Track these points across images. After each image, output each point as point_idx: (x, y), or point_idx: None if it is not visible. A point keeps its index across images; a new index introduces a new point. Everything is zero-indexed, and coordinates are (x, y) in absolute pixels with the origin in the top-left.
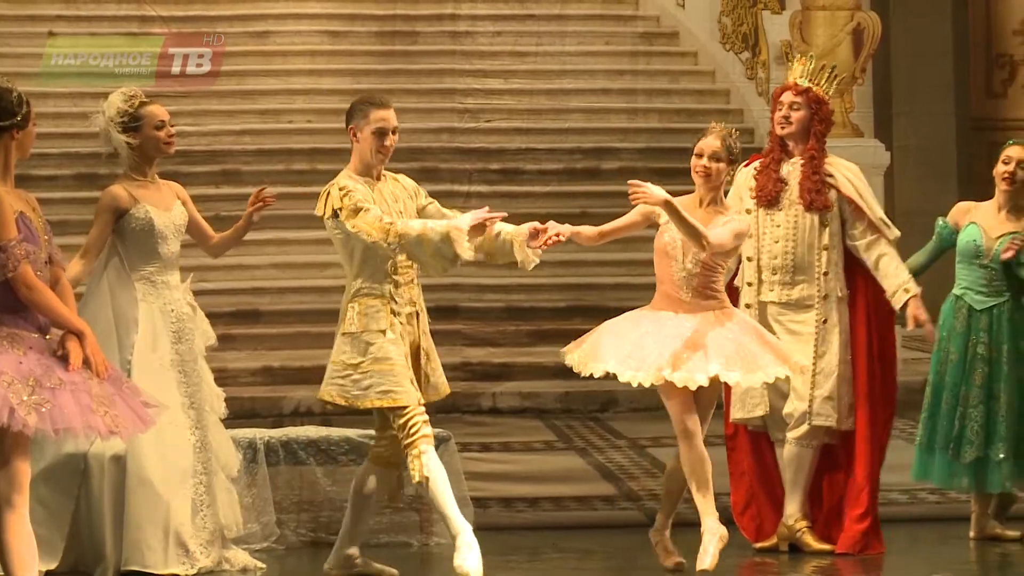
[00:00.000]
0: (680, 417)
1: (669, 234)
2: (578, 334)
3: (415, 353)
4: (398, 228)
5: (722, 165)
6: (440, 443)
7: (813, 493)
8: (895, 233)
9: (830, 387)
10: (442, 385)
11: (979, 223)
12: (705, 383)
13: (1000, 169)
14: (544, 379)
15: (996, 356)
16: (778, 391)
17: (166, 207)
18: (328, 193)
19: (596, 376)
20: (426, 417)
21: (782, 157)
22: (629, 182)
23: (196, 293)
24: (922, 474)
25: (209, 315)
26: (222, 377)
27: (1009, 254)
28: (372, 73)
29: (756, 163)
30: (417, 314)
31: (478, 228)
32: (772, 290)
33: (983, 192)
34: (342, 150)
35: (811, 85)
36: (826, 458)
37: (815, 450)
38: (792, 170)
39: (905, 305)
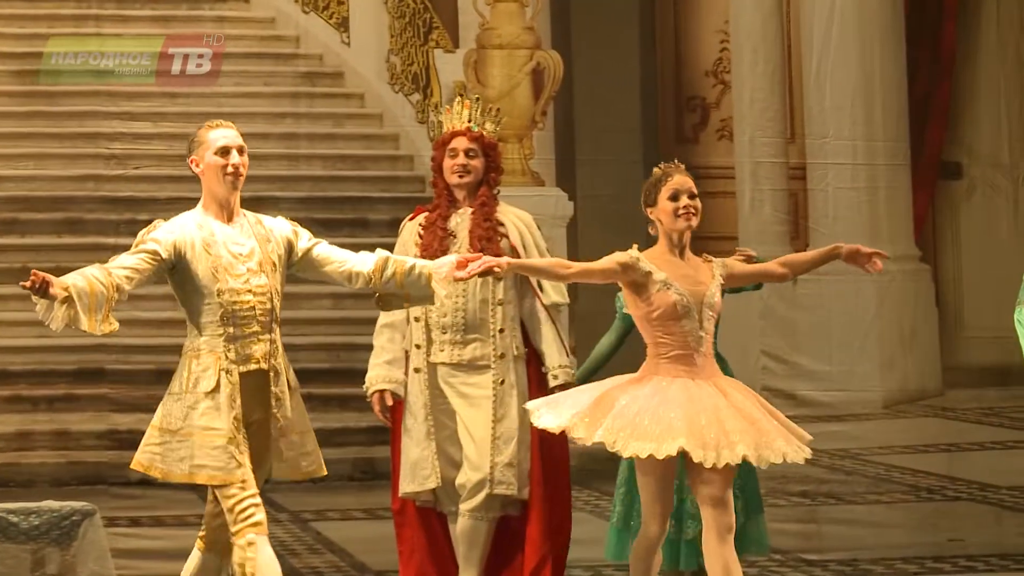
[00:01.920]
0: (657, 496)
1: (678, 291)
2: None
3: (262, 421)
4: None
5: (698, 202)
6: (84, 517)
7: (492, 567)
8: (551, 299)
9: (510, 453)
10: (306, 463)
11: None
12: (734, 461)
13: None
14: None
15: None
16: (449, 460)
17: None
18: None
19: (589, 443)
20: (258, 501)
21: (450, 209)
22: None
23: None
24: (618, 554)
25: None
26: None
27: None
28: (9, 116)
29: (422, 216)
30: (269, 373)
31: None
32: (443, 350)
33: None
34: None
35: (481, 130)
36: (505, 529)
37: (491, 523)
38: (461, 221)
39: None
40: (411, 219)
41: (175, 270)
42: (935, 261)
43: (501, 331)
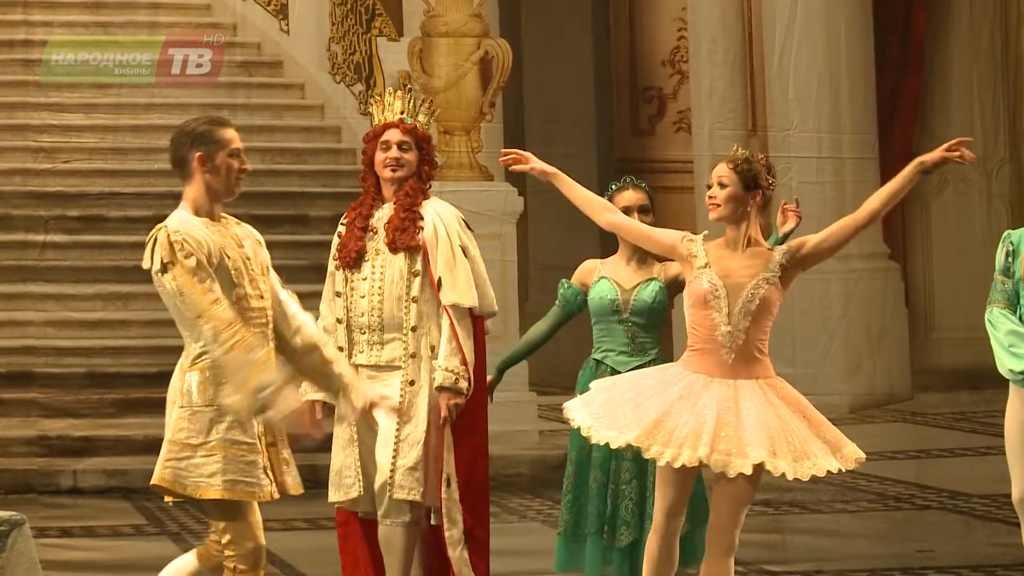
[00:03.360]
0: (670, 506)
1: (709, 279)
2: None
3: (267, 432)
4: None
5: (732, 189)
6: (12, 527)
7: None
8: (449, 299)
9: (415, 456)
10: (296, 475)
11: (609, 277)
12: (747, 471)
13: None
14: (132, 454)
15: None
16: (377, 466)
17: None
18: (155, 240)
19: (613, 447)
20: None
21: (375, 206)
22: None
23: None
24: (567, 564)
25: None
26: None
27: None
28: None
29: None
30: None
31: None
32: (363, 352)
33: None
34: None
35: (415, 122)
36: (438, 537)
37: (406, 528)
38: (383, 215)
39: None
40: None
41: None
42: (904, 259)
43: (413, 329)
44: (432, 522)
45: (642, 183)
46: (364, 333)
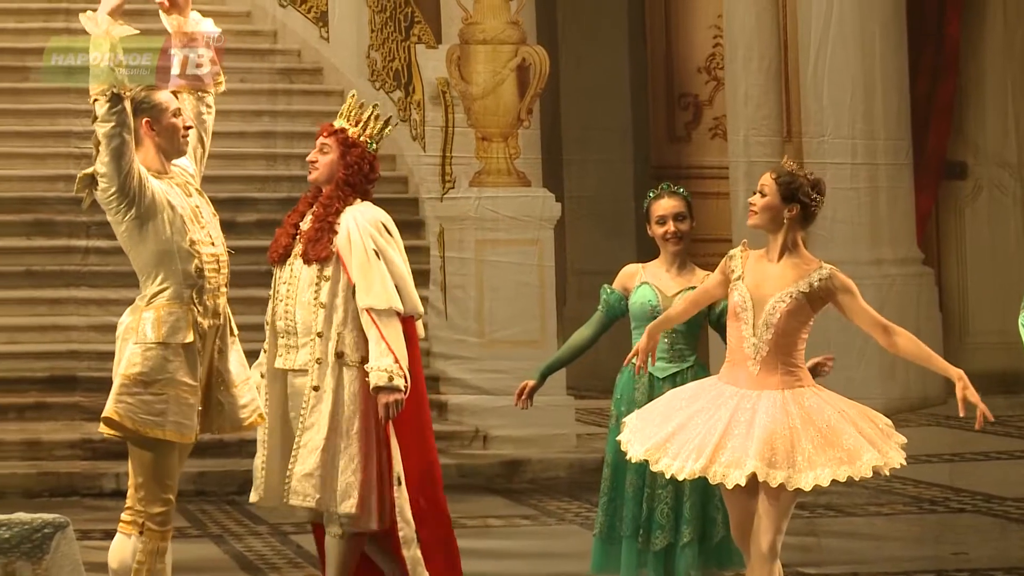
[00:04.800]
0: (735, 523)
1: (740, 292)
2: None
3: (207, 375)
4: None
5: (771, 199)
6: (56, 530)
7: None
8: (364, 302)
9: (312, 463)
10: (247, 414)
11: (651, 283)
12: (742, 482)
13: (660, 231)
14: None
15: None
16: None
17: None
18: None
19: (633, 460)
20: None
21: (309, 208)
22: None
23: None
24: (603, 566)
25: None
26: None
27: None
28: None
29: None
30: (219, 328)
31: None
32: (281, 355)
33: None
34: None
35: (348, 126)
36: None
37: (341, 539)
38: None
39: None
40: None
41: (140, 210)
42: (939, 264)
43: (320, 335)
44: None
45: (679, 189)
46: (282, 337)
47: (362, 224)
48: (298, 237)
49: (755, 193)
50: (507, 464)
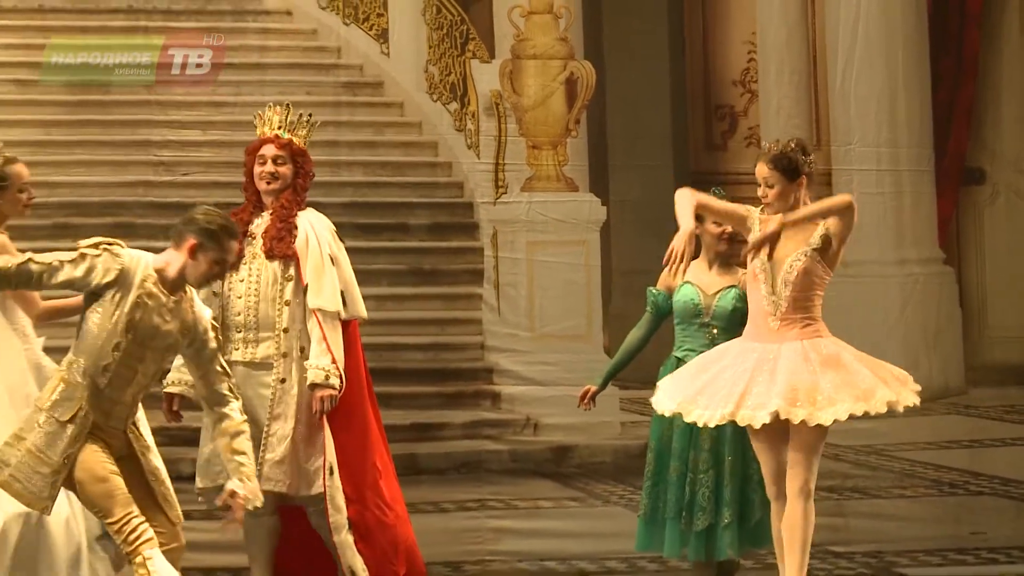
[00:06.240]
0: (767, 471)
1: (758, 258)
2: None
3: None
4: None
5: (779, 187)
6: None
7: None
8: (314, 303)
9: (282, 451)
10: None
11: (693, 282)
12: (767, 420)
13: (716, 231)
14: None
15: None
16: None
17: None
18: None
19: (667, 414)
20: (143, 518)
21: (255, 213)
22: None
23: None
24: (647, 545)
25: None
26: None
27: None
28: (62, 123)
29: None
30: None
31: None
32: (237, 349)
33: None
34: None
35: (291, 136)
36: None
37: (261, 520)
38: (262, 222)
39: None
40: None
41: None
42: (959, 263)
43: (286, 330)
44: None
45: (722, 192)
46: (240, 332)
47: (319, 229)
48: (248, 239)
49: (761, 187)
50: (556, 450)
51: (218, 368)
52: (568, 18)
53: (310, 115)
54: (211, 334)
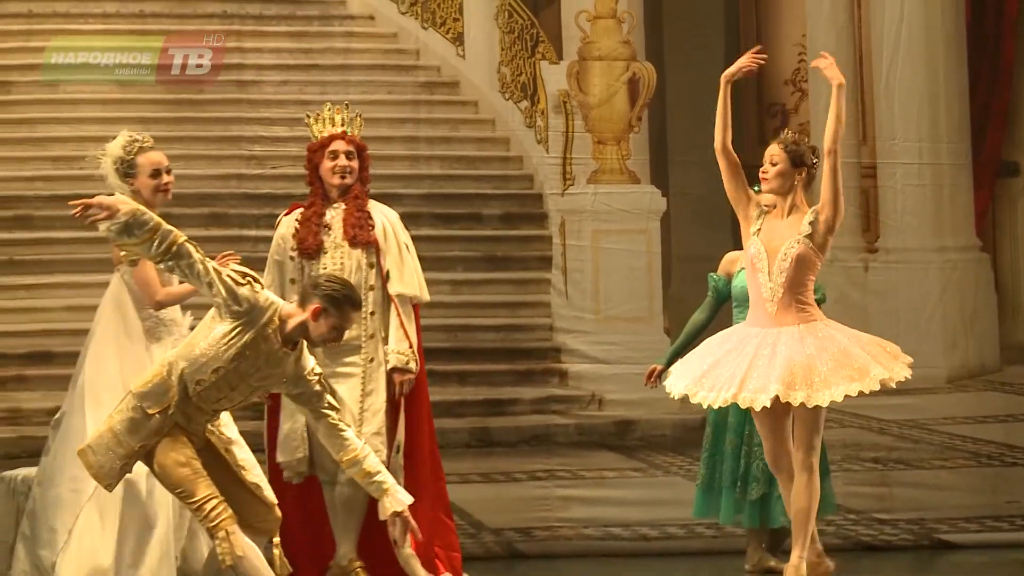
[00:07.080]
0: (767, 447)
1: (755, 246)
2: None
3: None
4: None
5: (781, 167)
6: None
7: (368, 537)
8: (395, 289)
9: (378, 423)
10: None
11: None
12: (767, 404)
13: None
14: None
15: None
16: None
17: None
18: None
19: (675, 397)
20: (222, 498)
21: (325, 206)
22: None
23: None
24: (704, 512)
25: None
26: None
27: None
28: (162, 121)
29: (298, 212)
30: None
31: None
32: None
33: None
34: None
35: (353, 132)
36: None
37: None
38: (336, 214)
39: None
40: (287, 214)
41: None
42: (994, 250)
43: (372, 313)
44: None
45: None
46: None
47: (393, 220)
48: (325, 229)
49: (766, 163)
50: (619, 424)
51: (324, 408)
52: (631, 22)
53: (360, 115)
54: (314, 378)
